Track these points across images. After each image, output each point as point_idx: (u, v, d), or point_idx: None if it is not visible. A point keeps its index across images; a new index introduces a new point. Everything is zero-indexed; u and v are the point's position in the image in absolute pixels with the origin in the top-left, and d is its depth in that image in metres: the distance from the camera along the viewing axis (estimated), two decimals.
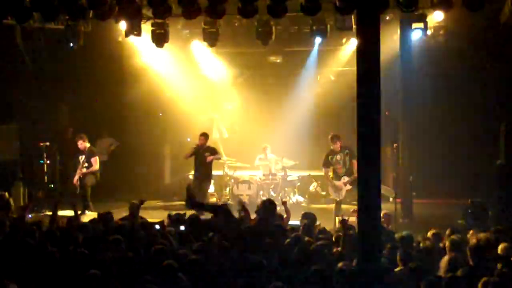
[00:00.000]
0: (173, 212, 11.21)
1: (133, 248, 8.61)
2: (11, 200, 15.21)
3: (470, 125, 17.72)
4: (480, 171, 16.31)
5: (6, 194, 15.21)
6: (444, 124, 18.05)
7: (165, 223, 10.53)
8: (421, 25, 14.35)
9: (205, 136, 16.45)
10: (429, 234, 9.80)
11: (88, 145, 15.92)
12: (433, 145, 17.92)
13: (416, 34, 14.77)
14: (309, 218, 10.72)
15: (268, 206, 10.54)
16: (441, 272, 7.74)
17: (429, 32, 15.23)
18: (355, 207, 12.88)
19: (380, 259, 6.39)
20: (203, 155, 16.21)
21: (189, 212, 11.09)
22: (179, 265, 7.53)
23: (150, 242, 8.82)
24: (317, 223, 10.92)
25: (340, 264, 7.44)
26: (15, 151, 17.08)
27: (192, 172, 18.83)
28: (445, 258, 8.00)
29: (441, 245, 9.11)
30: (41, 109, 18.53)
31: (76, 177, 15.63)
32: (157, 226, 10.22)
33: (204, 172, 16.25)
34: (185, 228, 10.24)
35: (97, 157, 15.88)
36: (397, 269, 7.80)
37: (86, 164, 15.68)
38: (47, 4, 13.30)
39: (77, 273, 7.41)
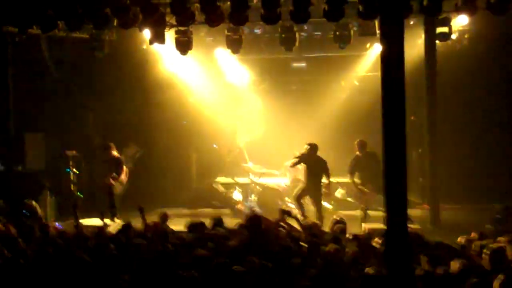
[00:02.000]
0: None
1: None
2: (38, 208, 15.37)
3: (496, 129, 17.59)
4: (508, 176, 16.17)
5: (33, 202, 15.37)
6: (470, 128, 17.92)
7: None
8: (446, 29, 14.26)
9: (311, 147, 15.24)
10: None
11: (116, 153, 16.01)
12: (460, 149, 17.78)
13: (440, 38, 14.67)
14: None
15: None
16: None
17: (453, 36, 15.16)
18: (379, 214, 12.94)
19: (409, 265, 6.32)
20: (314, 167, 15.21)
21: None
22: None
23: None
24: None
25: (368, 270, 7.41)
26: (42, 159, 17.20)
27: (217, 179, 18.90)
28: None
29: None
30: (68, 118, 18.69)
31: (108, 181, 15.71)
32: None
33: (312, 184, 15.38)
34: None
35: (124, 167, 15.96)
36: None
37: (114, 174, 15.76)
38: (72, 13, 13.45)
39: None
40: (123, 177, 15.88)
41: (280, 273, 7.56)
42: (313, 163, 15.06)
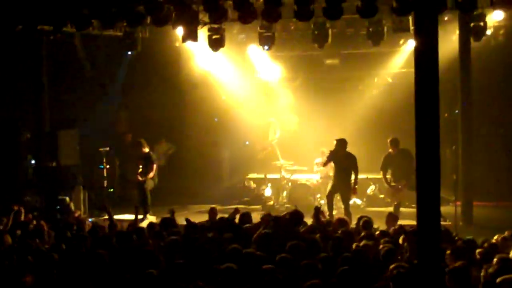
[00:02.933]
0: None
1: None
2: (72, 205, 15.54)
3: None
4: None
5: (67, 198, 15.55)
6: (504, 124, 17.76)
7: None
8: (481, 25, 14.10)
9: (339, 142, 14.91)
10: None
11: (147, 150, 16.10)
12: (493, 146, 17.63)
13: (475, 34, 14.50)
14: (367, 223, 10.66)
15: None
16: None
17: (488, 32, 14.98)
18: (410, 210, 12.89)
19: (440, 261, 6.30)
20: (343, 162, 14.90)
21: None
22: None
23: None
24: (375, 226, 10.84)
25: (396, 265, 7.38)
26: (76, 155, 17.35)
27: (250, 175, 18.90)
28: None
29: None
30: (101, 115, 18.85)
31: (139, 178, 15.84)
32: None
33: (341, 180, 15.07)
34: None
35: (155, 165, 16.02)
36: None
37: (140, 170, 15.84)
38: (106, 11, 13.56)
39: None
40: (151, 174, 15.94)
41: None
42: (342, 158, 14.86)
